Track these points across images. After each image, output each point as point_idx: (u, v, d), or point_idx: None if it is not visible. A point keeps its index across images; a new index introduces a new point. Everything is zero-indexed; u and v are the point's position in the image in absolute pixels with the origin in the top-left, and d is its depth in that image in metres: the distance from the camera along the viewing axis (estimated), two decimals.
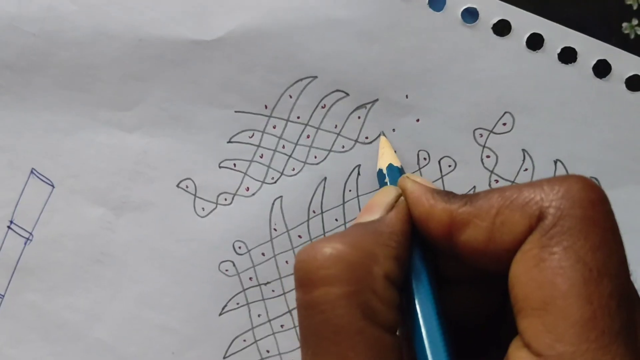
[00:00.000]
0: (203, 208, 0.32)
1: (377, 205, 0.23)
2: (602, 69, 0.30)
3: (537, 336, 0.18)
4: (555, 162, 0.31)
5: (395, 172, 0.29)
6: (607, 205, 0.19)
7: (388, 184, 0.28)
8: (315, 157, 0.31)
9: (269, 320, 0.32)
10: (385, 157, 0.30)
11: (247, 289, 0.32)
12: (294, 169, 0.32)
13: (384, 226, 0.22)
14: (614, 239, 0.18)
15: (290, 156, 0.31)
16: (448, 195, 0.21)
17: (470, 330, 0.23)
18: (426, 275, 0.22)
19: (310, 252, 0.20)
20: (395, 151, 0.30)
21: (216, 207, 0.32)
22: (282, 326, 0.32)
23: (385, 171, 0.29)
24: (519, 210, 0.19)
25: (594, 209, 0.18)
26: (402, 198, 0.23)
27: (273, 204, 0.32)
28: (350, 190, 0.31)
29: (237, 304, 0.32)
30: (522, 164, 0.31)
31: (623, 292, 0.18)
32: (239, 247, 0.32)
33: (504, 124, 0.31)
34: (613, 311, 0.17)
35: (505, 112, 0.30)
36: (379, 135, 0.31)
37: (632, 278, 0.19)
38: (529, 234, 0.19)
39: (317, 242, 0.20)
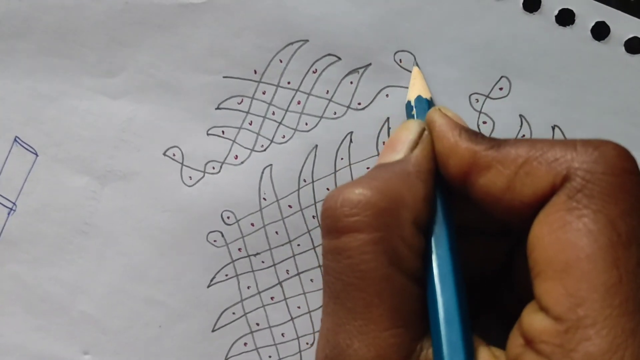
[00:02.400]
0: (190, 177, 0.31)
1: (400, 142, 0.22)
2: (600, 31, 0.29)
3: (557, 300, 0.17)
4: (553, 128, 0.30)
5: (424, 105, 0.27)
6: (638, 175, 0.18)
7: (415, 117, 0.27)
8: (306, 124, 0.30)
9: (259, 293, 0.31)
10: (415, 88, 0.28)
11: (236, 260, 0.31)
12: (284, 137, 0.31)
13: (410, 166, 0.21)
14: None
15: (280, 123, 0.31)
16: (476, 135, 0.21)
17: (475, 284, 0.22)
18: (446, 221, 0.21)
19: (337, 198, 0.19)
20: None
21: (204, 175, 0.31)
22: (272, 298, 0.31)
23: (413, 103, 0.27)
24: (546, 165, 0.18)
25: (627, 176, 0.18)
26: (426, 133, 0.22)
27: (262, 172, 0.31)
28: (342, 159, 0.30)
29: (226, 275, 0.31)
30: (520, 130, 0.30)
31: None
32: (228, 217, 0.31)
33: (501, 89, 0.30)
34: None
35: (501, 77, 0.30)
36: (372, 102, 0.30)
37: None
38: (550, 192, 0.18)
39: (343, 187, 0.20)
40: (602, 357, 0.16)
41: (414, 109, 0.27)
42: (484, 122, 0.30)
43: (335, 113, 0.30)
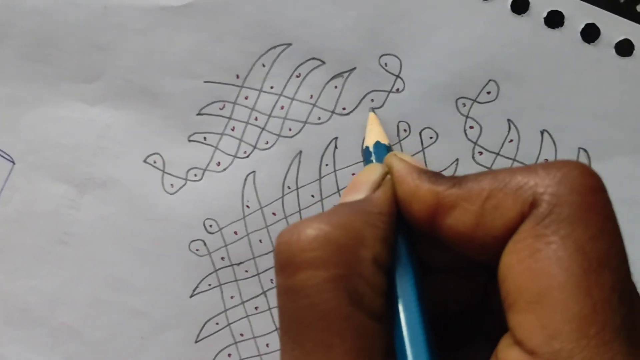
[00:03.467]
0: (172, 184, 0.30)
1: (363, 183, 0.22)
2: (590, 33, 0.28)
3: (530, 332, 0.16)
4: (542, 133, 0.29)
5: (383, 150, 0.27)
6: (606, 193, 0.17)
7: (374, 162, 0.27)
8: (290, 130, 0.30)
9: (243, 302, 0.30)
10: (373, 134, 0.28)
11: (219, 269, 0.30)
12: (267, 142, 0.30)
13: (371, 206, 0.20)
14: (614, 229, 0.17)
15: (263, 129, 0.30)
16: (436, 175, 0.20)
17: (451, 320, 0.22)
18: (409, 261, 0.20)
19: (293, 233, 0.18)
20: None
21: (186, 183, 0.30)
22: (256, 308, 0.30)
23: (372, 149, 0.27)
24: (512, 194, 0.18)
25: (594, 195, 0.17)
26: (388, 177, 0.22)
27: (246, 179, 0.30)
28: (327, 165, 0.30)
29: (209, 285, 0.30)
30: (507, 134, 0.29)
31: (624, 286, 0.16)
32: (210, 226, 0.30)
33: (488, 93, 0.29)
34: (614, 305, 0.16)
35: (489, 80, 0.29)
36: (357, 106, 0.29)
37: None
38: (520, 221, 0.17)
39: (300, 222, 0.19)
40: None
41: (372, 154, 0.26)
42: (471, 127, 0.29)
43: (319, 118, 0.30)
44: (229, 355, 0.30)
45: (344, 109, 0.30)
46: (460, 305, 0.22)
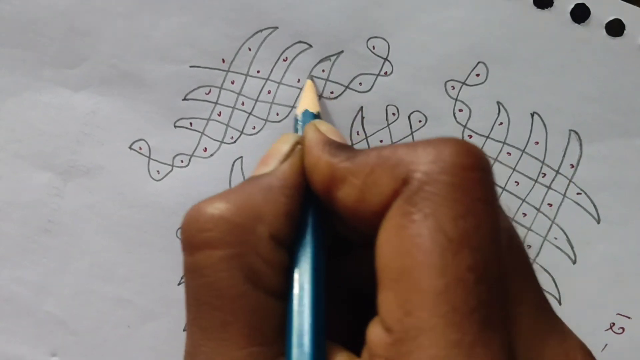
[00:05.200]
0: (158, 171, 0.30)
1: (271, 155, 0.22)
2: (580, 13, 0.28)
3: (389, 310, 0.16)
4: (532, 115, 0.29)
5: (309, 119, 0.26)
6: (483, 173, 0.17)
7: (298, 131, 0.26)
8: (277, 114, 0.29)
9: None
10: (304, 102, 0.28)
11: None
12: (254, 128, 0.29)
13: (275, 179, 0.20)
14: (485, 210, 0.16)
15: (250, 114, 0.29)
16: (339, 148, 0.20)
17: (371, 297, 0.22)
18: (313, 236, 0.20)
19: (193, 213, 0.19)
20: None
21: (172, 169, 0.30)
22: None
23: (299, 117, 0.26)
24: (389, 171, 0.17)
25: (465, 175, 0.16)
26: (298, 147, 0.21)
27: (233, 165, 0.30)
28: None
29: None
30: (497, 117, 0.29)
31: (487, 267, 0.16)
32: None
33: (477, 75, 0.29)
34: (470, 286, 0.15)
35: (478, 62, 0.29)
36: (345, 90, 0.29)
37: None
38: (393, 199, 0.17)
39: (203, 201, 0.19)
40: None
41: (299, 123, 0.26)
42: (460, 110, 0.29)
43: None
44: None
45: (331, 92, 0.29)
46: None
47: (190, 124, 0.30)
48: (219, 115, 0.29)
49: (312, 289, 0.19)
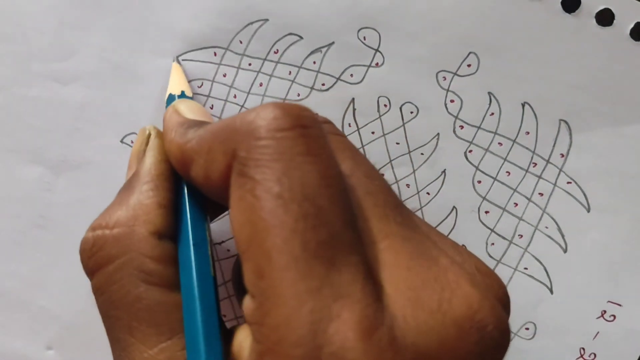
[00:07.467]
0: None
1: (131, 157, 0.23)
2: (570, 3, 0.28)
3: (248, 278, 0.17)
4: (523, 105, 0.29)
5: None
6: (302, 129, 0.17)
7: None
8: None
9: (225, 282, 0.30)
10: (169, 87, 0.27)
11: None
12: None
13: (138, 179, 0.21)
14: (308, 161, 0.17)
15: (242, 106, 0.29)
16: (189, 127, 0.20)
17: None
18: (190, 221, 0.20)
19: (82, 244, 0.20)
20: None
21: None
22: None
23: (165, 104, 0.26)
24: (221, 147, 0.18)
25: (282, 136, 0.17)
26: (152, 137, 0.22)
27: None
28: None
29: None
30: (488, 107, 0.29)
31: (322, 213, 0.16)
32: None
33: (469, 66, 0.29)
34: (307, 234, 0.16)
35: (469, 53, 0.29)
36: (336, 82, 0.29)
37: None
38: (231, 173, 0.18)
39: (87, 229, 0.21)
40: (278, 329, 0.15)
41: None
42: (452, 101, 0.29)
43: (299, 95, 0.29)
44: None
45: (323, 84, 0.29)
46: None
47: None
48: (212, 108, 0.29)
49: (196, 272, 0.19)
